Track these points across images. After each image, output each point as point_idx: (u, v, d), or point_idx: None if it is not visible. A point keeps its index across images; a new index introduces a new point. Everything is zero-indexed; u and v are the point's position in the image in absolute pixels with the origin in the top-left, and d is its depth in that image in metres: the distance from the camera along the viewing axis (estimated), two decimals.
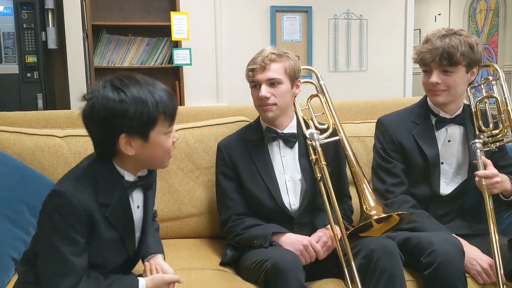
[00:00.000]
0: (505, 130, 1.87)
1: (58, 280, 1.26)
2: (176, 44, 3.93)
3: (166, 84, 1.37)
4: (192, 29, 3.83)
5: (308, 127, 1.88)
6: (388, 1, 4.80)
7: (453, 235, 1.73)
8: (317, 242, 1.69)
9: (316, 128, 1.88)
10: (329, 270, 1.72)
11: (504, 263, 1.65)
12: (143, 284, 1.37)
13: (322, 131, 1.86)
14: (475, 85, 2.01)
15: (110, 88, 1.25)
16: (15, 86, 3.65)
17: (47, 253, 1.28)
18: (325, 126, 1.91)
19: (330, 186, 1.71)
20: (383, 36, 4.79)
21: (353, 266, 1.60)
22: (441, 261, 1.58)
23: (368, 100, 2.50)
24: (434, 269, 1.59)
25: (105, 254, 1.36)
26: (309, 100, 2.00)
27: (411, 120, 1.94)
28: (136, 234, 1.44)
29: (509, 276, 1.66)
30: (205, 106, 2.39)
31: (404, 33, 4.85)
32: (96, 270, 1.34)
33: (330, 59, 4.73)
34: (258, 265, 1.61)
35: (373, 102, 2.47)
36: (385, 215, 1.69)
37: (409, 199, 1.88)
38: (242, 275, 1.72)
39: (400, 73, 4.88)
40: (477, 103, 1.95)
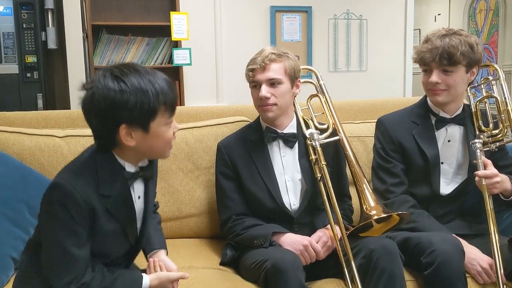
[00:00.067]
0: (505, 130, 1.87)
1: (61, 272, 1.26)
2: (176, 44, 3.93)
3: None
4: (192, 29, 3.82)
5: (308, 127, 1.88)
6: (388, 1, 4.79)
7: (453, 235, 1.73)
8: (317, 242, 1.69)
9: (316, 128, 1.88)
10: (329, 270, 1.72)
11: (504, 263, 1.65)
12: (147, 281, 1.37)
13: (322, 131, 1.86)
14: (475, 85, 2.01)
15: (110, 77, 1.23)
16: (15, 86, 3.65)
17: (49, 245, 1.28)
18: (325, 126, 1.90)
19: (330, 186, 1.70)
20: (383, 36, 4.79)
21: (353, 266, 1.60)
22: (441, 261, 1.58)
23: (368, 100, 2.50)
24: (434, 269, 1.59)
25: (107, 245, 1.36)
26: (309, 100, 2.00)
27: (411, 120, 1.94)
28: (137, 224, 1.43)
29: (509, 276, 1.66)
30: (205, 106, 2.39)
31: (404, 33, 4.84)
32: (98, 259, 1.34)
33: (330, 59, 4.72)
34: (258, 265, 1.61)
35: (373, 102, 2.47)
36: (385, 215, 1.69)
37: (409, 199, 1.88)
38: (242, 275, 1.72)
39: (400, 73, 4.88)
40: (477, 103, 1.95)
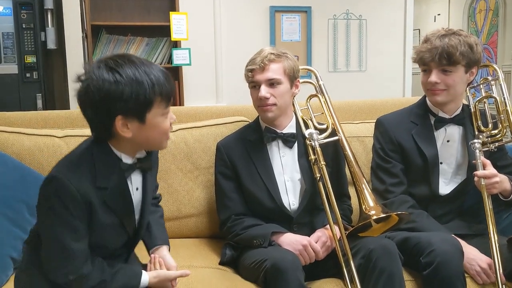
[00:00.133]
0: (504, 130, 1.87)
1: (60, 266, 1.26)
2: (176, 44, 3.93)
3: None
4: (191, 29, 3.82)
5: (307, 127, 1.87)
6: (388, 1, 4.79)
7: (452, 235, 1.73)
8: (316, 242, 1.69)
9: (315, 128, 1.88)
10: (328, 270, 1.72)
11: (503, 263, 1.65)
12: (146, 278, 1.37)
13: (321, 131, 1.86)
14: (474, 85, 2.01)
15: (105, 69, 1.23)
16: (15, 86, 3.65)
17: (48, 239, 1.28)
18: (324, 126, 1.90)
19: (329, 186, 1.70)
20: (382, 36, 4.79)
21: (352, 266, 1.60)
22: (440, 261, 1.58)
23: (367, 100, 2.50)
24: (433, 269, 1.59)
25: (105, 237, 1.35)
26: (308, 100, 2.00)
27: (410, 120, 1.94)
28: (135, 216, 1.42)
29: (508, 276, 1.66)
30: (204, 106, 2.39)
31: (403, 33, 4.85)
32: (97, 251, 1.34)
33: (329, 59, 4.73)
34: (257, 265, 1.61)
35: (372, 102, 2.47)
36: (384, 215, 1.69)
37: (408, 199, 1.88)
38: (241, 275, 1.72)
39: (400, 73, 4.88)
40: (476, 103, 1.95)
